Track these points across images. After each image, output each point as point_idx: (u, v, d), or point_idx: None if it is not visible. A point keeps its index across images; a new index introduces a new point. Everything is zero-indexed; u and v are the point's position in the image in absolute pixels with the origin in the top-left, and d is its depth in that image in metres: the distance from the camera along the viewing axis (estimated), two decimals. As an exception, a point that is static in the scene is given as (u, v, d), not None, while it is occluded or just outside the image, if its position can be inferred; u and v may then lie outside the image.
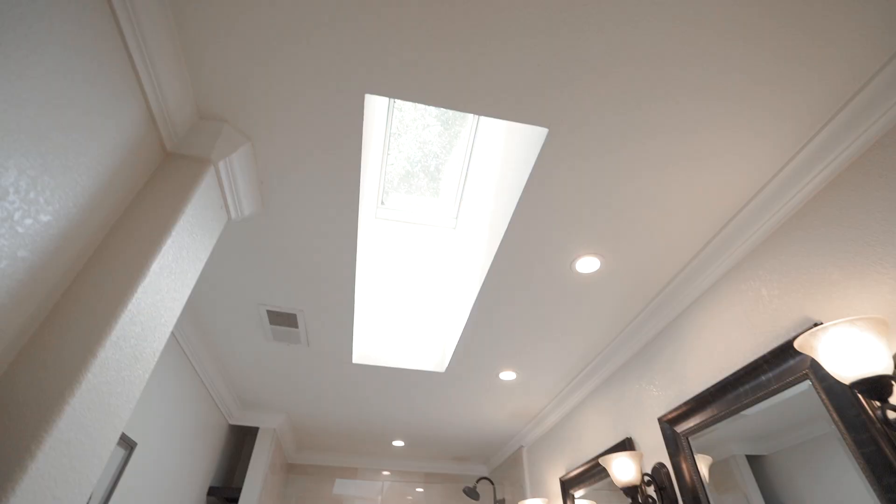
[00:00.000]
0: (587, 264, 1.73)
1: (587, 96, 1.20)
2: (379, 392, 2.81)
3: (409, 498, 4.04)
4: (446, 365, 2.46)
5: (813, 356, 1.08)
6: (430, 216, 2.66)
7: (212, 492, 2.94)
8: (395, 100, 2.24)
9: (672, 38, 1.08)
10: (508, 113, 1.25)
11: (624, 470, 1.78)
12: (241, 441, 3.52)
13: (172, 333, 2.14)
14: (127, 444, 1.90)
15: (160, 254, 1.06)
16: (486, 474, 4.24)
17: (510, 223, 1.61)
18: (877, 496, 1.07)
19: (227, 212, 1.41)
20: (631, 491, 1.75)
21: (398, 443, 3.73)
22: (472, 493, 3.64)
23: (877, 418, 1.07)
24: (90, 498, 1.71)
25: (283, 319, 2.14)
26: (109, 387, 0.95)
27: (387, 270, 2.58)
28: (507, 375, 2.55)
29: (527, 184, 1.46)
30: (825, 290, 1.28)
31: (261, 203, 1.52)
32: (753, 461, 1.49)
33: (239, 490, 3.02)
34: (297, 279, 1.89)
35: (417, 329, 2.61)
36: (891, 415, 0.98)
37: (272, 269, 1.84)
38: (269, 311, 2.08)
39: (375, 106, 1.80)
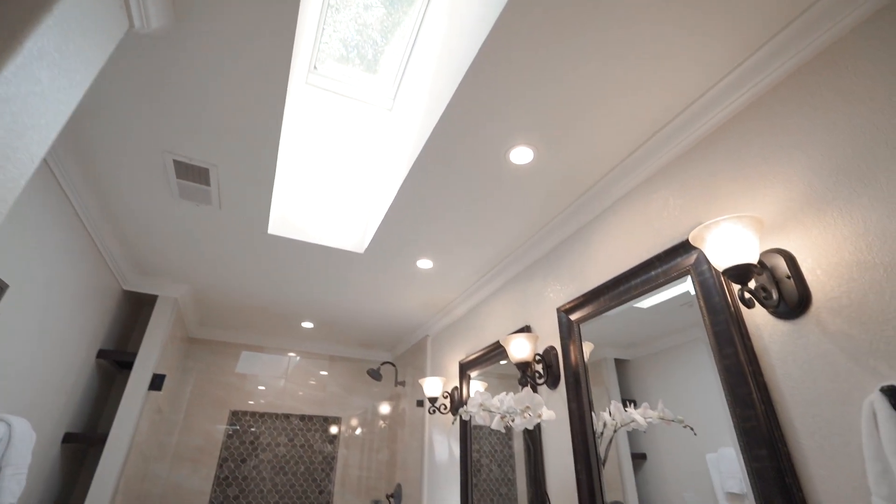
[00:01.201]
0: (521, 155, 1.76)
1: (558, -43, 1.13)
2: (293, 268, 2.77)
3: (313, 381, 4.22)
4: (366, 246, 2.46)
5: (701, 247, 1.23)
6: (367, 93, 2.48)
7: (102, 355, 2.80)
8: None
9: None
10: (474, -41, 1.15)
11: (520, 349, 1.99)
12: (136, 309, 3.33)
13: (57, 179, 1.86)
14: (-4, 283, 1.69)
15: (37, 32, 0.87)
16: (390, 360, 4.53)
17: (450, 103, 1.56)
18: (715, 363, 1.31)
19: (129, 15, 1.17)
20: (523, 366, 1.98)
21: (307, 324, 3.79)
22: (375, 374, 3.89)
23: (733, 300, 1.29)
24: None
25: (192, 174, 1.94)
26: (-26, 179, 0.81)
27: (313, 141, 2.41)
28: (425, 264, 2.63)
29: (474, 61, 1.40)
30: (722, 200, 1.44)
31: (173, 15, 1.28)
32: (619, 364, 1.77)
33: (133, 356, 2.91)
34: (213, 127, 1.70)
35: (340, 207, 2.54)
36: (746, 295, 1.18)
37: (184, 110, 1.62)
38: (176, 162, 1.87)
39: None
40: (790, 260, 1.19)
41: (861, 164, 1.10)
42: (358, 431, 4.18)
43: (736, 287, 1.30)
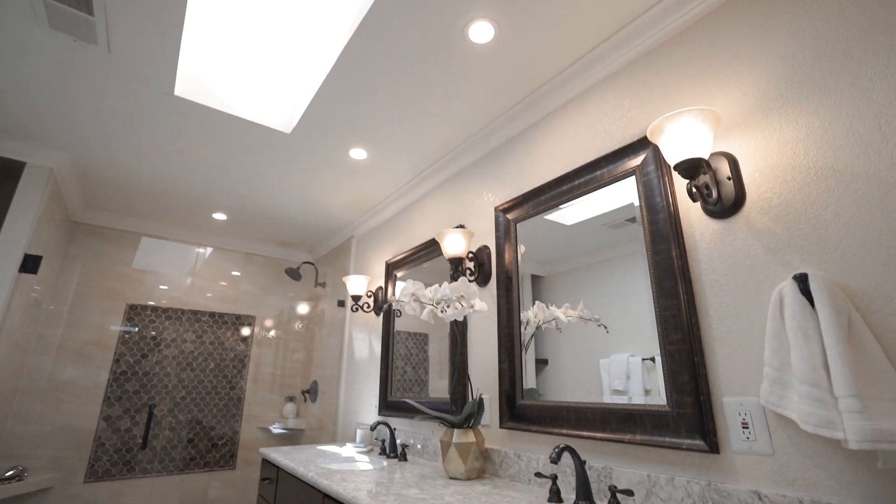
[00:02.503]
0: (481, 31, 1.59)
1: None
2: (205, 144, 2.41)
3: (224, 283, 3.95)
4: (294, 125, 2.19)
5: (657, 140, 1.22)
6: (301, -62, 2.06)
7: (-49, 226, 2.31)
8: None
9: None
10: None
11: (454, 244, 1.96)
12: (-4, 178, 2.76)
13: None
14: None
15: None
16: (310, 260, 4.37)
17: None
18: (647, 259, 1.38)
19: None
20: (455, 262, 1.97)
21: (219, 216, 3.45)
22: (294, 273, 3.74)
23: (673, 199, 1.34)
24: None
25: (66, -6, 1.50)
26: None
27: (233, -14, 2.00)
28: (358, 154, 2.43)
29: None
30: (676, 105, 1.43)
31: None
32: (535, 279, 1.83)
33: (-4, 231, 2.45)
34: (93, -75, 1.29)
35: (266, 75, 2.20)
36: (693, 190, 1.22)
37: None
38: (41, -29, 1.43)
39: None
40: (733, 163, 1.24)
41: (815, 71, 1.13)
42: (272, 333, 4.08)
43: (682, 185, 1.34)
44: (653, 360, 1.34)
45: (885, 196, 0.98)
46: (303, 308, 4.18)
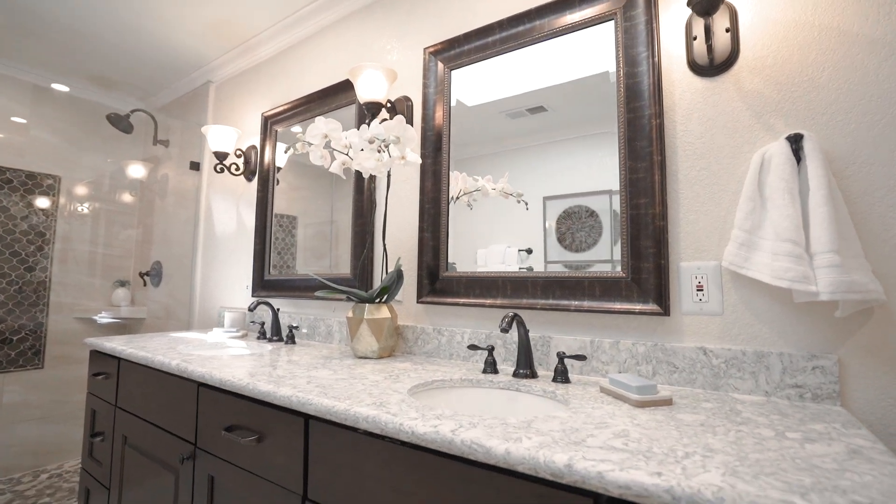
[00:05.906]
0: None
1: None
2: None
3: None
4: None
5: (675, -40, 1.01)
6: None
7: None
8: None
9: None
10: None
11: (372, 85, 1.56)
12: None
13: None
14: None
15: None
16: (144, 108, 3.34)
17: None
18: (618, 117, 1.23)
19: None
20: (373, 108, 1.58)
21: (-17, 15, 2.27)
22: (120, 122, 2.80)
23: (659, 50, 1.18)
24: None
25: None
26: None
27: None
28: (234, -57, 1.71)
29: None
30: (672, -65, 1.21)
31: None
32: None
33: None
34: None
35: None
36: (710, 28, 1.06)
37: None
38: None
39: None
40: (733, 14, 1.11)
41: (841, -87, 1.01)
42: (87, 206, 3.12)
43: (669, 34, 1.18)
44: (529, 251, 1.39)
45: (882, 62, 0.95)
46: (136, 171, 3.25)
